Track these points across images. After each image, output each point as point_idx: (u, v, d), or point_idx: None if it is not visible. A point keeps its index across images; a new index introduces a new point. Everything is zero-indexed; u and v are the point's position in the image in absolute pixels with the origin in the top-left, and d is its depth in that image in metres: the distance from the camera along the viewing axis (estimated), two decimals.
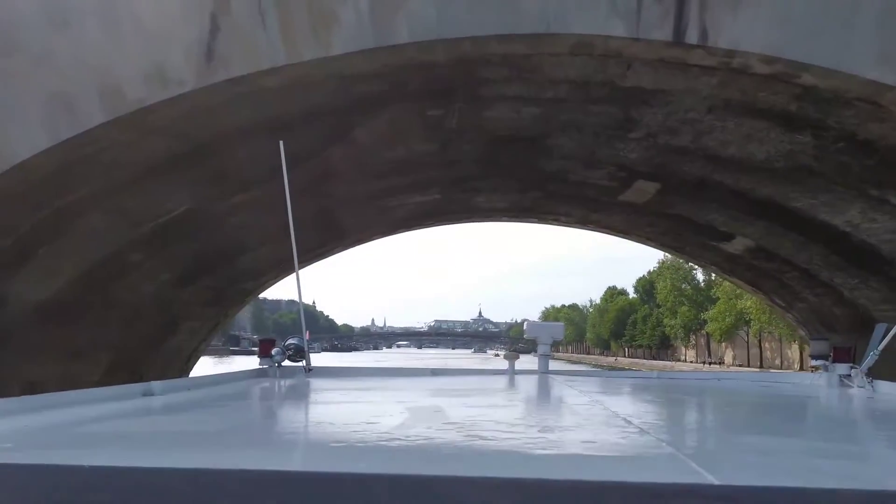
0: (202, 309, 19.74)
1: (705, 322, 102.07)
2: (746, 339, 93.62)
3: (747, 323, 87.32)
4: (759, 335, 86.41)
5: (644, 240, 21.80)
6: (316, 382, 6.34)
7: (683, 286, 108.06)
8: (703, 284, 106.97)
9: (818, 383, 6.68)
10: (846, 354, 6.58)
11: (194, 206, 13.70)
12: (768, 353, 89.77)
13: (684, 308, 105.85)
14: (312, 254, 21.38)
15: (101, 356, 16.26)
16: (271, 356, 6.51)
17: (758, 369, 77.96)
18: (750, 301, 77.78)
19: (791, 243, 16.69)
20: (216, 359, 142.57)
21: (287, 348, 6.56)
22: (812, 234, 15.84)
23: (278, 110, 11.41)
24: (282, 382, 6.30)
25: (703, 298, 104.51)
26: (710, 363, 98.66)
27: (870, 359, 5.98)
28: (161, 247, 14.60)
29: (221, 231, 15.54)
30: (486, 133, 13.80)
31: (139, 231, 13.51)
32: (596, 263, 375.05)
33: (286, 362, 6.56)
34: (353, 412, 4.59)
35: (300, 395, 5.61)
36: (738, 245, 18.50)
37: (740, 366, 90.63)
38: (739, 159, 13.25)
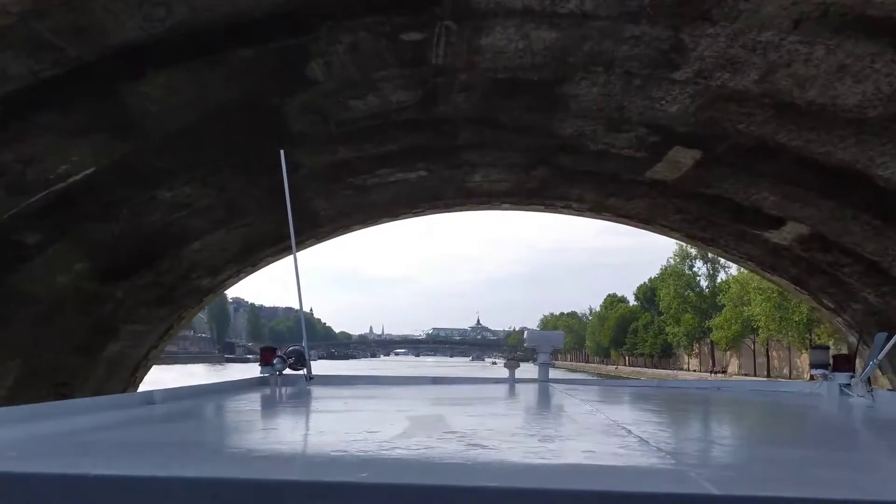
0: (148, 310, 16.56)
1: (709, 330, 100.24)
2: (753, 347, 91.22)
3: (754, 331, 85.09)
4: (767, 343, 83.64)
5: (668, 230, 18.58)
6: (317, 391, 6.56)
7: (687, 293, 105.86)
8: (707, 291, 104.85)
9: (818, 392, 6.78)
10: (846, 363, 6.62)
11: (101, 171, 10.55)
12: (776, 361, 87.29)
13: (688, 315, 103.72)
14: (277, 247, 18.27)
15: (6, 363, 13.15)
16: (272, 364, 6.76)
17: (765, 378, 75.28)
18: (758, 308, 75.19)
19: (861, 228, 13.46)
20: (210, 366, 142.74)
21: (288, 356, 6.83)
22: None
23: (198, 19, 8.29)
24: (283, 391, 6.53)
25: (707, 306, 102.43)
26: (716, 372, 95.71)
27: (870, 368, 6.01)
28: (65, 226, 11.44)
29: (150, 209, 12.43)
30: (483, 75, 10.57)
31: (26, 202, 10.33)
32: (594, 270, 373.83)
33: (287, 370, 6.82)
34: (354, 421, 4.77)
35: (301, 404, 5.75)
36: (788, 233, 15.27)
37: (746, 375, 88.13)
38: (819, 108, 9.99)
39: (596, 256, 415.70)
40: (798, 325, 69.05)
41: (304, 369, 6.90)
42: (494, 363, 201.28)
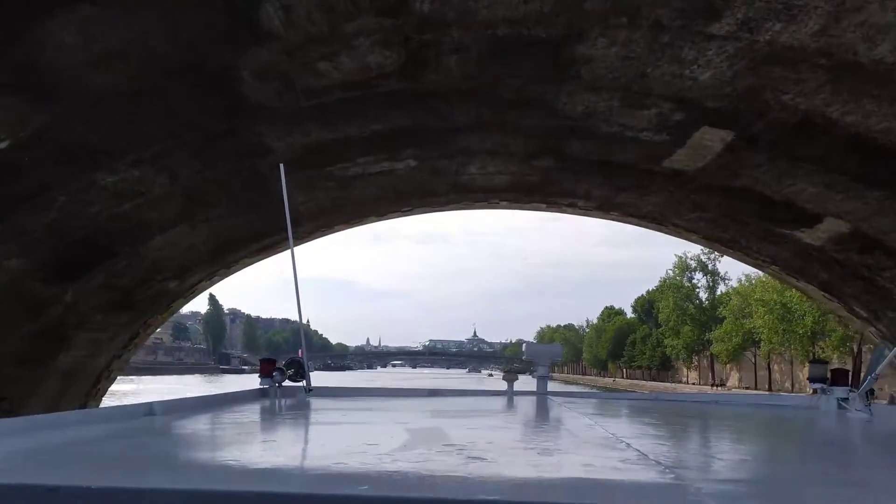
0: (105, 315, 14.78)
1: (709, 342, 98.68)
2: (754, 360, 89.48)
3: (756, 343, 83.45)
4: (769, 356, 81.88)
5: (683, 231, 16.81)
6: (316, 403, 6.68)
7: (686, 305, 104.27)
8: (706, 303, 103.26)
9: (817, 406, 6.89)
10: (844, 378, 6.73)
11: (19, 145, 8.74)
12: (777, 375, 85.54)
13: (687, 328, 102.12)
14: (253, 246, 16.53)
15: None
16: (272, 376, 6.84)
17: (766, 392, 73.56)
18: (760, 320, 73.48)
19: None
20: (206, 377, 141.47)
21: (287, 367, 6.91)
22: None
23: None
24: (282, 402, 6.60)
25: (706, 318, 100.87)
26: (716, 385, 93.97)
27: (868, 382, 6.00)
28: None
29: (91, 196, 10.67)
30: (479, 31, 8.76)
31: None
32: (591, 284, 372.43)
33: (286, 382, 6.89)
34: (354, 434, 4.79)
35: (301, 416, 5.84)
36: (823, 231, 13.52)
37: (747, 388, 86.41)
38: (888, 70, 8.25)
39: (593, 269, 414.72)
40: (802, 337, 67.35)
41: (304, 381, 6.94)
42: (490, 375, 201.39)
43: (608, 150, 12.68)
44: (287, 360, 7.10)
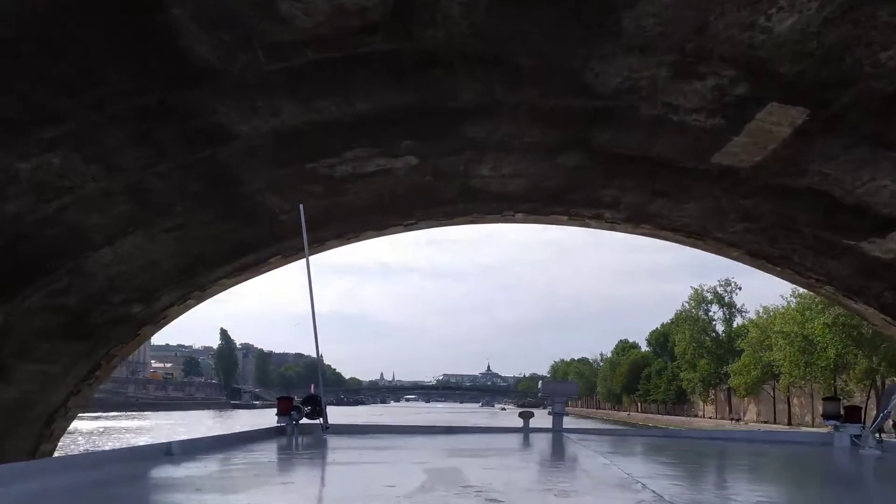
0: (52, 343, 12.61)
1: (727, 376, 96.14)
2: (773, 394, 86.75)
3: (775, 377, 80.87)
4: (788, 390, 79.20)
5: (724, 246, 14.57)
6: (333, 441, 6.81)
7: (703, 338, 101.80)
8: (723, 336, 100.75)
9: (830, 443, 7.01)
10: (857, 414, 6.99)
11: None
12: (797, 408, 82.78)
13: (703, 361, 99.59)
14: (234, 263, 14.39)
15: None
16: (289, 414, 7.03)
17: (787, 427, 70.91)
18: (780, 353, 70.98)
19: None
20: (216, 413, 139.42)
21: (304, 404, 7.16)
22: None
23: None
24: (300, 441, 6.74)
25: (723, 351, 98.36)
26: (735, 420, 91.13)
27: (880, 419, 6.16)
28: None
29: (3, 189, 8.49)
30: None
31: None
32: (605, 317, 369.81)
33: (303, 420, 7.11)
34: (371, 474, 4.78)
35: (318, 456, 6.02)
36: None
37: (766, 422, 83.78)
38: None
39: (606, 303, 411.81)
40: (825, 370, 64.80)
41: (321, 419, 7.12)
42: (503, 409, 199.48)
43: (647, 141, 10.49)
44: (304, 397, 7.17)
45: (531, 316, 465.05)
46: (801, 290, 68.57)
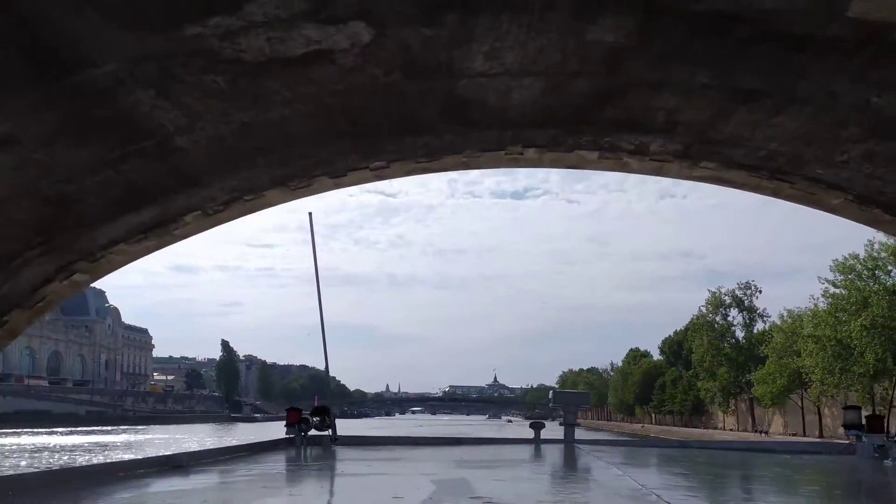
0: None
1: (748, 385, 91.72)
2: (801, 403, 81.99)
3: (804, 385, 76.36)
4: (819, 399, 74.52)
5: (823, 189, 10.07)
6: (342, 452, 7.24)
7: (722, 344, 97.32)
8: (743, 342, 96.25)
9: (852, 454, 7.33)
10: (880, 424, 7.36)
11: None
12: (829, 419, 78.02)
13: (723, 369, 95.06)
14: (117, 226, 10.12)
15: None
16: (298, 425, 7.43)
17: (818, 439, 66.25)
18: (811, 359, 66.41)
19: None
20: (215, 426, 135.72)
21: (314, 415, 7.67)
22: None
23: None
24: (309, 453, 7.07)
25: (744, 358, 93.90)
26: (762, 432, 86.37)
27: None
28: None
29: None
30: None
31: None
32: (611, 327, 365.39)
33: (312, 431, 7.50)
34: (380, 486, 5.07)
35: (327, 468, 6.31)
36: None
37: (794, 435, 79.05)
38: None
39: (613, 313, 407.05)
40: (862, 377, 60.29)
41: (329, 430, 7.65)
42: (510, 421, 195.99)
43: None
44: (312, 408, 7.69)
45: (537, 326, 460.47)
46: (833, 289, 64.35)
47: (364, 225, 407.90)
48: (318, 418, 8.03)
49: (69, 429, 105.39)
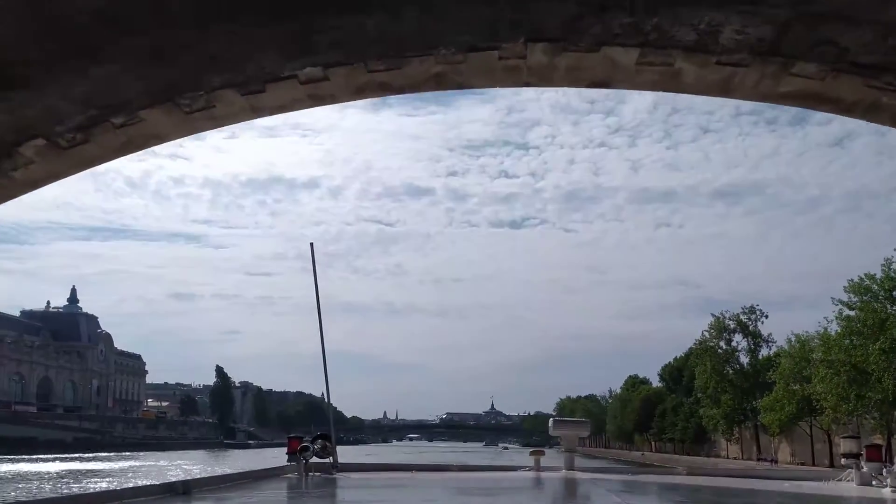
0: None
1: (753, 412, 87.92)
2: (810, 431, 77.97)
3: (812, 412, 72.53)
4: (831, 427, 70.51)
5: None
6: (343, 480, 7.13)
7: (725, 370, 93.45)
8: (748, 368, 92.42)
9: (849, 483, 7.40)
10: (878, 453, 7.50)
11: None
12: (842, 447, 74.06)
13: (726, 396, 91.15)
14: None
15: None
16: (299, 453, 7.31)
17: (829, 468, 62.39)
18: (822, 385, 62.69)
19: None
20: (209, 453, 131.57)
21: (314, 442, 7.50)
22: None
23: None
24: (311, 481, 6.98)
25: (749, 384, 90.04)
26: (771, 461, 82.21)
27: None
28: None
29: None
30: None
31: None
32: (609, 356, 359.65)
33: (314, 458, 7.43)
34: None
35: (328, 495, 6.22)
36: None
37: (802, 464, 74.95)
38: None
39: (611, 342, 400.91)
40: (881, 404, 56.47)
41: (330, 457, 7.58)
42: (506, 448, 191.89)
43: None
44: (313, 436, 7.59)
45: (535, 354, 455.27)
46: (847, 311, 60.77)
47: (362, 254, 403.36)
48: (318, 446, 7.73)
49: (53, 456, 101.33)
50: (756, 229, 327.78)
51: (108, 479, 64.13)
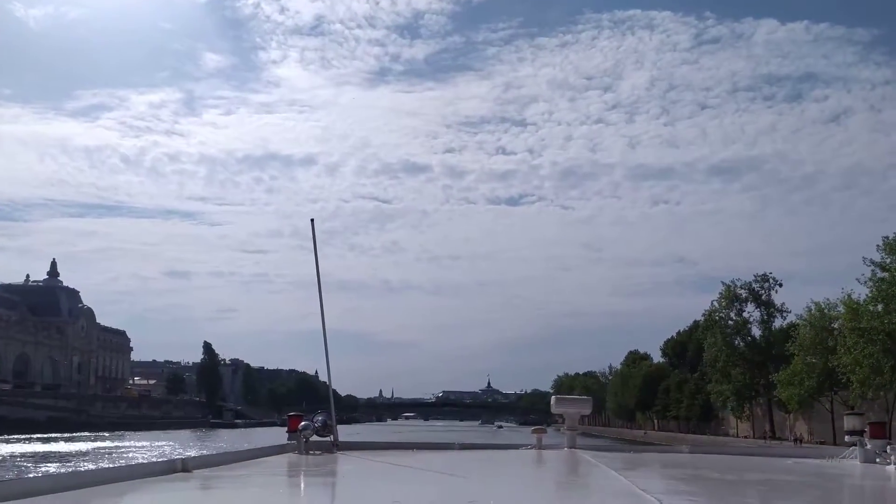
0: None
1: (766, 387, 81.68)
2: (831, 408, 71.28)
3: (835, 386, 66.39)
4: (856, 402, 64.21)
5: None
6: (343, 458, 7.04)
7: (737, 342, 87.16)
8: (761, 340, 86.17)
9: (853, 460, 7.15)
10: (881, 430, 7.23)
11: None
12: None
13: (738, 370, 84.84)
14: None
15: None
16: (299, 431, 7.26)
17: (833, 446, 55.98)
18: (850, 355, 56.44)
19: None
20: (194, 433, 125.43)
21: (314, 422, 7.42)
22: None
23: None
24: (310, 460, 6.91)
25: (762, 358, 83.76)
26: (795, 440, 75.54)
27: None
28: None
29: None
30: None
31: None
32: (606, 333, 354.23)
33: (314, 437, 7.36)
34: (381, 492, 4.91)
35: (329, 474, 6.13)
36: None
37: (822, 443, 68.59)
38: None
39: (608, 319, 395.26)
40: None
41: (331, 436, 7.50)
42: (501, 427, 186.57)
43: None
44: (314, 413, 7.57)
45: (531, 332, 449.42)
46: (881, 272, 54.52)
47: (359, 231, 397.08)
48: (319, 423, 7.41)
49: (22, 436, 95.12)
50: (753, 206, 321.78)
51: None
